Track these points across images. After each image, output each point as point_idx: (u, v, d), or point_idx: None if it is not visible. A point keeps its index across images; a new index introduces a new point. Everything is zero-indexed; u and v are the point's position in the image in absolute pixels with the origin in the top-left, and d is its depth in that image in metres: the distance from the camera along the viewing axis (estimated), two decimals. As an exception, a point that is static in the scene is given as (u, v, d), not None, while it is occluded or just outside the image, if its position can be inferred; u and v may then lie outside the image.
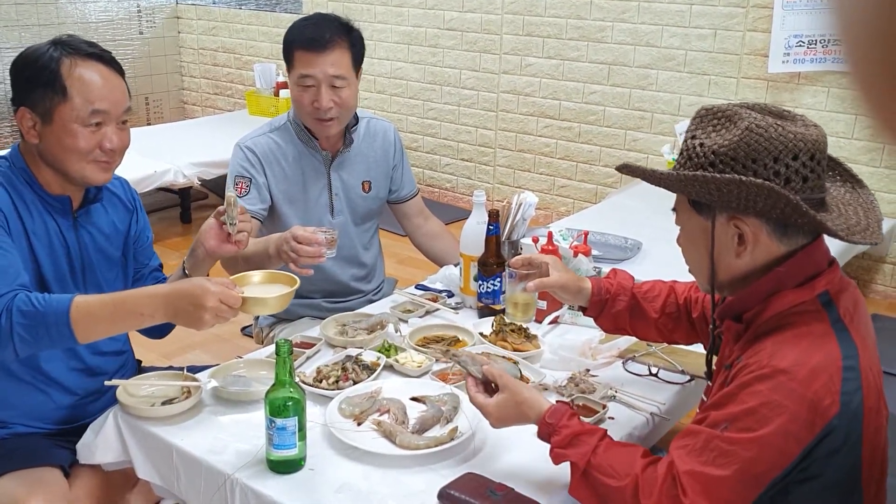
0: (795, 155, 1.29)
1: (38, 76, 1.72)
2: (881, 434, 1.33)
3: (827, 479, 1.27)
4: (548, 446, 1.44)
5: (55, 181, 1.79)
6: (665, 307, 1.75)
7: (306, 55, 2.26)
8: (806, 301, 1.31)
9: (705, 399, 1.49)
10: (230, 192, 1.84)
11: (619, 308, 1.76)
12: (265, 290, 1.74)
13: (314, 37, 2.26)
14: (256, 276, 1.78)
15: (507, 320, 2.00)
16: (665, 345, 1.98)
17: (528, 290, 1.81)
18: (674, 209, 1.45)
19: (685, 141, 1.37)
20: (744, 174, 1.28)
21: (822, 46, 3.88)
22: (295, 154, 2.39)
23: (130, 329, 1.70)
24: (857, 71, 0.47)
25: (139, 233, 2.03)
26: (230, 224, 1.83)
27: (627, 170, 1.47)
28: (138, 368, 2.10)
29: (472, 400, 1.54)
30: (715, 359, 1.55)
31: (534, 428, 1.49)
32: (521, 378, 1.80)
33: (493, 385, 1.52)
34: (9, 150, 1.82)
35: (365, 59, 2.42)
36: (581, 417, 1.63)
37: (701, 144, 1.33)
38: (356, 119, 2.45)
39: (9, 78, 1.79)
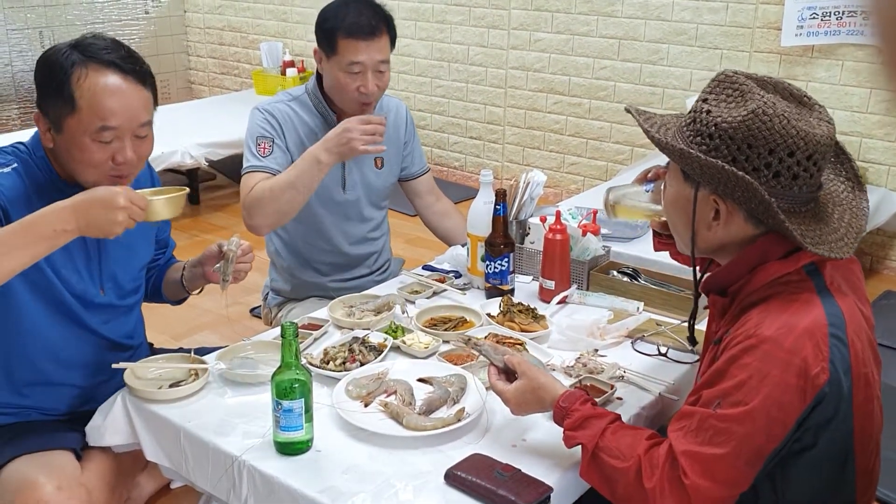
0: (792, 152, 1.28)
1: (49, 83, 1.66)
2: (872, 403, 1.32)
3: (821, 449, 1.27)
4: (557, 429, 1.45)
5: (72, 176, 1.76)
6: None
7: (354, 42, 2.25)
8: (790, 272, 1.31)
9: (698, 378, 1.49)
10: (231, 248, 1.84)
11: None
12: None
13: (360, 24, 2.26)
14: (146, 191, 1.72)
15: (608, 214, 1.84)
16: (674, 324, 1.97)
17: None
18: (666, 166, 1.47)
19: (697, 101, 1.37)
20: (737, 156, 1.29)
21: (837, 18, 3.82)
22: (311, 124, 2.40)
23: (48, 251, 1.54)
24: (886, 45, 0.45)
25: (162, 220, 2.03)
26: (223, 278, 1.85)
27: (634, 111, 1.47)
28: (151, 350, 2.10)
29: (492, 387, 1.55)
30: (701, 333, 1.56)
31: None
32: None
33: (514, 374, 1.53)
34: (30, 137, 1.78)
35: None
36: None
37: (708, 112, 1.33)
38: None
39: (15, 61, 1.76)
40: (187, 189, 1.73)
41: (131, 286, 1.95)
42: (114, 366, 1.75)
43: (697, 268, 1.50)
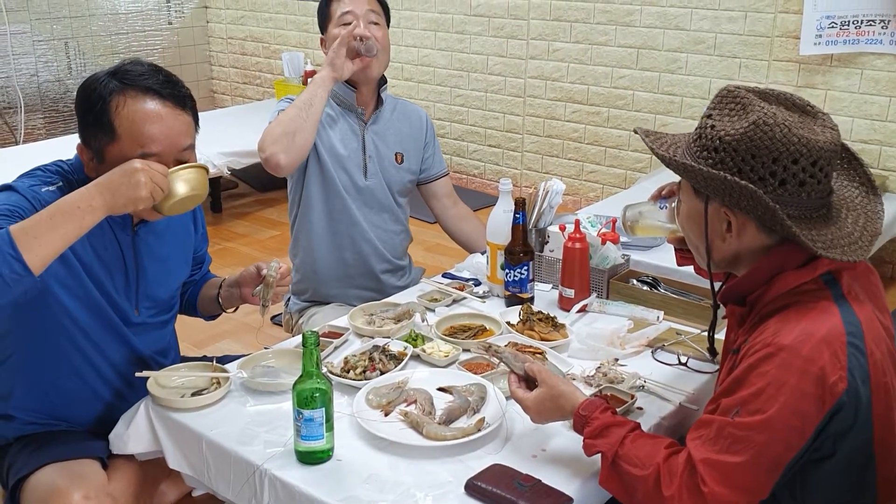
0: (796, 159, 1.29)
1: (89, 113, 1.66)
2: (893, 412, 1.32)
3: (840, 458, 1.27)
4: (576, 438, 1.45)
5: None
6: None
7: None
8: (808, 281, 1.32)
9: (717, 387, 1.49)
10: (272, 273, 1.88)
11: None
12: None
13: None
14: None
15: (627, 232, 1.87)
16: (694, 333, 1.97)
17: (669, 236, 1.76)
18: (678, 185, 1.51)
19: (702, 117, 1.40)
20: (742, 167, 1.30)
21: (856, 27, 3.80)
22: (333, 114, 2.49)
23: (78, 233, 1.52)
24: None
25: (200, 237, 2.07)
26: (262, 304, 1.88)
27: (641, 132, 1.52)
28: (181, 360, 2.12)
29: (512, 395, 1.56)
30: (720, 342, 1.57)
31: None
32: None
33: (534, 382, 1.54)
34: (72, 157, 1.78)
35: (392, 46, 2.52)
36: (608, 407, 1.63)
37: (712, 127, 1.35)
38: (385, 80, 2.54)
39: (41, 72, 1.78)
40: (207, 167, 1.72)
41: (166, 304, 1.98)
42: (137, 374, 1.78)
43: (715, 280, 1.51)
